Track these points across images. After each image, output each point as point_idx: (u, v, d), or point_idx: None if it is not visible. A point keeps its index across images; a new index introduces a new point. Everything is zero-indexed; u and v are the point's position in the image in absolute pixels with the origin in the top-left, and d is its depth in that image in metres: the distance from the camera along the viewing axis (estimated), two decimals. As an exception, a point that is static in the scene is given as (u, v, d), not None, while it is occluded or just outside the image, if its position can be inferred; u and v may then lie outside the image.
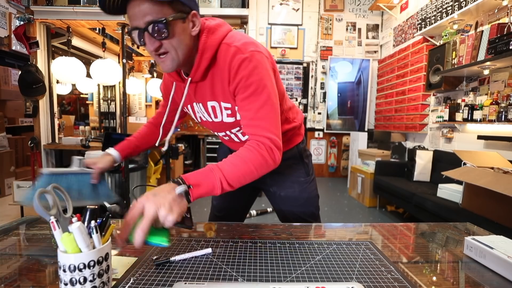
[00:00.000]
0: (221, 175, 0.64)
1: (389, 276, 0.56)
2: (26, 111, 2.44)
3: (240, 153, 0.68)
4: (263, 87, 0.70)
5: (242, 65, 0.69)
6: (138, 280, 0.53)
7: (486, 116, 2.32)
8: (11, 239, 0.72)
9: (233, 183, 0.65)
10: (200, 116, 0.87)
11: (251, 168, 0.67)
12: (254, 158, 0.68)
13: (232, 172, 0.65)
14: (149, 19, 0.62)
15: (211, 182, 0.63)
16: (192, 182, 0.61)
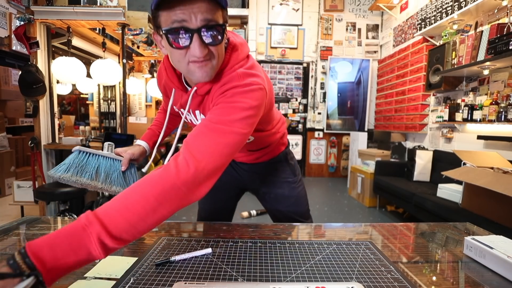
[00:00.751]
0: (99, 229, 0.43)
1: (389, 276, 0.56)
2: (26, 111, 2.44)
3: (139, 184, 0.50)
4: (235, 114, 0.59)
5: (234, 88, 0.61)
6: (138, 280, 0.53)
7: (486, 116, 2.32)
8: (11, 239, 0.72)
9: (124, 236, 0.45)
10: (191, 119, 0.84)
11: (152, 203, 0.48)
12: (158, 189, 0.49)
13: (121, 218, 0.45)
14: (208, 18, 0.54)
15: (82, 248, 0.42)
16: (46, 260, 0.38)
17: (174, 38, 0.56)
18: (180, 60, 0.60)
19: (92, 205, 2.09)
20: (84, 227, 0.43)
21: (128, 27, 2.36)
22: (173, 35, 0.56)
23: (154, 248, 0.66)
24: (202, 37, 0.56)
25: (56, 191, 2.03)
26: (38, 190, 2.08)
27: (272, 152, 0.98)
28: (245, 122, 0.59)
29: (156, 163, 3.55)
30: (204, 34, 0.55)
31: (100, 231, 0.43)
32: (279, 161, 1.01)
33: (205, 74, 0.60)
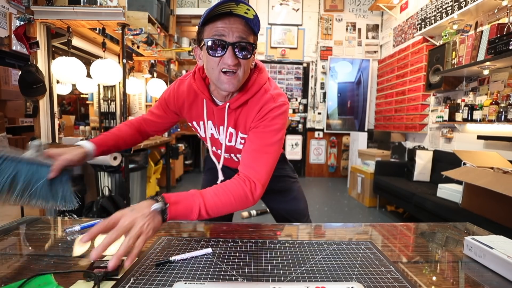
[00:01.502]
0: (201, 201, 0.66)
1: (389, 276, 0.56)
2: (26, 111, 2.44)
3: (226, 185, 0.72)
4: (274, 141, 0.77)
5: (272, 111, 0.77)
6: (138, 280, 0.53)
7: (486, 116, 2.32)
8: (11, 239, 0.72)
9: (211, 211, 0.67)
10: (213, 133, 0.91)
11: (231, 201, 0.70)
12: (237, 193, 0.71)
13: (212, 201, 0.67)
14: (241, 38, 0.68)
15: (190, 205, 0.64)
16: (171, 201, 0.62)
17: (213, 47, 0.69)
18: (214, 68, 0.71)
19: (93, 205, 2.09)
20: (193, 195, 0.66)
21: (128, 27, 2.36)
22: (212, 45, 0.69)
23: (154, 248, 0.66)
24: (235, 49, 0.69)
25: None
26: (38, 190, 2.07)
27: None
28: (282, 138, 0.79)
29: (156, 163, 3.55)
30: (236, 47, 0.69)
31: (201, 202, 0.66)
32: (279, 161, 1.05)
33: (231, 85, 0.73)
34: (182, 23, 5.04)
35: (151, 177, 3.38)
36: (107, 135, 0.91)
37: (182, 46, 4.82)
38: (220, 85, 0.73)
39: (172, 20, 4.08)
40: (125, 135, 0.95)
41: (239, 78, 0.72)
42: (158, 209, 0.60)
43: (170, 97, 0.91)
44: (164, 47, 3.39)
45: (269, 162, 0.76)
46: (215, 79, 0.73)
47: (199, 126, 0.92)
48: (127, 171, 2.36)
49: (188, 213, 0.64)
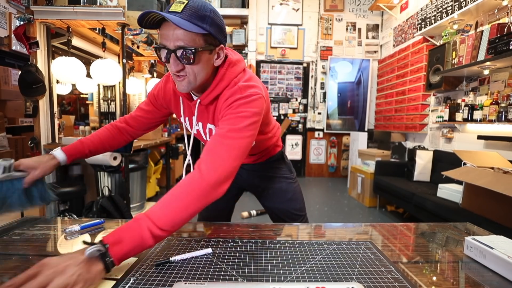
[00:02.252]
0: (149, 222, 0.55)
1: (389, 276, 0.56)
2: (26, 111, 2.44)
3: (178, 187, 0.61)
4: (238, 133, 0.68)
5: (237, 100, 0.72)
6: (138, 280, 0.53)
7: (486, 116, 2.32)
8: (11, 239, 0.72)
9: (168, 226, 0.57)
10: (198, 129, 0.91)
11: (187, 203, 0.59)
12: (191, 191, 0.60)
13: (163, 215, 0.57)
14: (179, 44, 0.65)
15: (137, 235, 0.54)
16: (110, 241, 0.52)
17: (159, 54, 0.70)
18: (170, 72, 0.73)
19: (92, 205, 2.09)
20: (137, 220, 0.56)
21: (128, 27, 2.36)
22: (158, 51, 0.69)
23: (154, 248, 0.66)
24: (177, 55, 0.67)
25: (55, 191, 2.03)
26: (38, 190, 2.07)
27: (269, 154, 1.07)
28: (251, 127, 0.70)
29: (156, 163, 3.55)
30: (177, 55, 0.67)
31: (149, 223, 0.56)
32: (276, 160, 1.09)
33: (182, 87, 0.73)
34: (182, 23, 5.03)
35: (151, 177, 3.38)
36: (83, 142, 0.90)
37: (182, 46, 4.81)
38: (176, 86, 0.75)
39: (172, 20, 4.06)
40: (103, 139, 0.94)
41: (189, 81, 0.71)
42: (95, 254, 0.49)
43: (159, 93, 0.92)
44: (164, 47, 3.38)
45: (231, 148, 0.66)
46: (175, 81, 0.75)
47: (185, 122, 0.92)
48: (127, 171, 2.36)
49: (140, 244, 0.54)
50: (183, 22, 0.63)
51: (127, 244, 0.53)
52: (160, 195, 3.61)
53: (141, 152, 2.78)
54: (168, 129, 3.78)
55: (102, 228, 0.80)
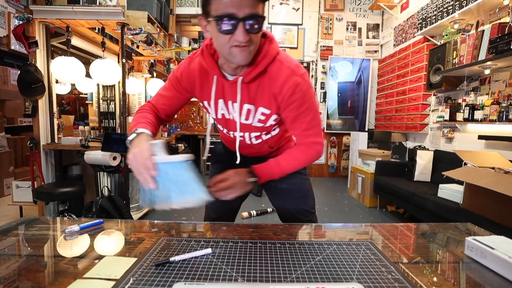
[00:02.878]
0: (280, 171, 0.87)
1: (390, 277, 0.55)
2: (25, 111, 2.43)
3: (293, 153, 0.89)
4: (312, 105, 0.82)
5: (297, 88, 0.78)
6: (138, 280, 0.53)
7: (487, 116, 2.31)
8: (10, 239, 0.72)
9: (284, 175, 0.89)
10: (223, 114, 0.89)
11: (301, 164, 0.90)
12: (304, 157, 0.88)
13: (287, 167, 0.88)
14: (251, 12, 0.64)
15: (272, 176, 0.87)
16: (260, 177, 0.85)
17: (222, 24, 0.65)
18: (224, 44, 0.69)
19: (92, 205, 2.09)
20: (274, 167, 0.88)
21: (128, 27, 2.36)
22: (221, 22, 0.65)
23: (153, 249, 0.66)
24: (245, 25, 0.65)
25: (55, 191, 2.03)
26: (37, 190, 2.07)
27: (286, 148, 1.05)
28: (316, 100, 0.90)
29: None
30: (247, 23, 0.65)
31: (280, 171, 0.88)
32: None
33: (244, 57, 0.71)
34: (181, 22, 5.04)
35: (151, 177, 3.37)
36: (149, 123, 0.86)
37: (181, 46, 4.81)
38: (232, 59, 0.71)
39: (171, 19, 4.07)
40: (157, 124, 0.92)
41: (250, 51, 0.71)
42: (252, 181, 0.84)
43: (183, 75, 0.88)
44: (164, 47, 3.39)
45: (318, 129, 0.87)
46: (226, 54, 0.71)
47: (210, 106, 0.89)
48: (127, 171, 2.36)
49: (269, 180, 0.88)
50: None
51: (264, 179, 0.87)
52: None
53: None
54: (168, 129, 3.77)
55: (101, 228, 0.80)
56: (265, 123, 0.88)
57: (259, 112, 0.85)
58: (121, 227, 0.83)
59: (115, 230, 0.81)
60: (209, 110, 0.92)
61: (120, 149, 2.09)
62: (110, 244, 0.73)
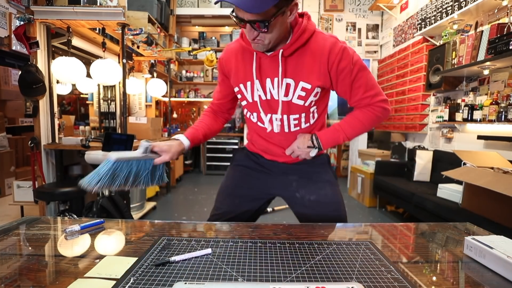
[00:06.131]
0: (344, 136, 0.89)
1: (389, 276, 0.56)
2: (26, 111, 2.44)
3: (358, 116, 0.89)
4: (363, 66, 0.83)
5: (344, 53, 0.80)
6: (138, 280, 0.53)
7: (486, 116, 2.32)
8: (11, 239, 0.72)
9: (350, 138, 0.90)
10: (260, 95, 0.88)
11: (366, 126, 0.89)
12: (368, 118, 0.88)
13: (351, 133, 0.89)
14: (253, 19, 0.70)
15: (335, 142, 0.90)
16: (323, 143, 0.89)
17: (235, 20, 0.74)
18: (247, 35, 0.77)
19: (92, 205, 2.09)
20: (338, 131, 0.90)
21: (128, 27, 2.36)
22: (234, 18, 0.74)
23: (154, 248, 0.66)
24: (252, 26, 0.72)
25: (56, 191, 2.03)
26: (38, 190, 2.07)
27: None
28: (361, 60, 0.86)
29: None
30: (251, 25, 0.72)
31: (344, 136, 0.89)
32: (322, 163, 1.01)
33: (258, 48, 0.79)
34: (182, 23, 5.04)
35: (151, 177, 3.37)
36: (196, 128, 0.98)
37: (182, 46, 4.82)
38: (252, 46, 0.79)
39: (172, 20, 4.08)
40: (210, 123, 1.01)
41: (264, 44, 0.76)
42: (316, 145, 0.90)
43: (223, 60, 0.93)
44: (164, 47, 3.39)
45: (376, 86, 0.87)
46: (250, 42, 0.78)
47: (246, 88, 0.89)
48: (127, 171, 2.35)
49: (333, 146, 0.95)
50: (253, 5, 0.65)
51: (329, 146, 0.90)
52: (160, 195, 3.61)
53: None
54: (168, 129, 3.78)
55: (102, 228, 0.80)
56: (305, 100, 0.86)
57: (300, 87, 0.84)
58: (121, 227, 0.83)
59: (116, 229, 0.81)
60: (244, 94, 0.91)
61: (121, 149, 2.09)
62: (110, 244, 0.73)
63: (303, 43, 0.81)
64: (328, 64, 0.81)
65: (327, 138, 0.89)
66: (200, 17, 4.79)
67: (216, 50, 4.71)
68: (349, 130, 0.88)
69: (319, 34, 0.82)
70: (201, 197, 3.58)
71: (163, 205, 3.26)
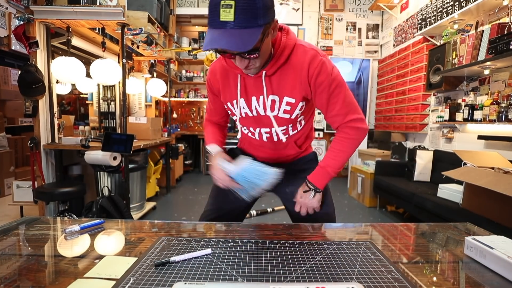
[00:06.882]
0: (331, 170, 0.91)
1: (389, 276, 0.56)
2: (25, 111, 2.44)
3: (336, 147, 0.91)
4: (341, 82, 0.83)
5: (323, 66, 0.80)
6: (138, 280, 0.53)
7: (486, 116, 2.31)
8: (11, 239, 0.72)
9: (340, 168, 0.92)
10: (246, 112, 0.91)
11: (348, 152, 0.90)
12: (346, 145, 0.89)
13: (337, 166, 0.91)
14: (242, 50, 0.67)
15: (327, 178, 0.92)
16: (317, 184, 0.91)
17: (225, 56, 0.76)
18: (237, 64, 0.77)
19: (92, 205, 2.09)
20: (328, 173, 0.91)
21: (128, 27, 2.36)
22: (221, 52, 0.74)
23: (154, 248, 0.66)
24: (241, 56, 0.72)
25: (55, 191, 2.03)
26: (38, 190, 2.07)
27: (306, 151, 1.07)
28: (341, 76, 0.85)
29: (155, 163, 3.55)
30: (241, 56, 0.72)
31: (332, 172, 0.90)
32: (310, 160, 1.07)
33: (250, 74, 0.81)
34: (182, 22, 5.04)
35: (151, 177, 3.38)
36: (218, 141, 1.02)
37: (182, 46, 4.81)
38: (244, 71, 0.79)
39: (172, 19, 4.07)
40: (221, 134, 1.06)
41: (256, 67, 0.77)
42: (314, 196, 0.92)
43: (210, 81, 0.95)
44: (164, 47, 3.39)
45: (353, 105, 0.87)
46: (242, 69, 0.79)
47: (233, 106, 0.93)
48: (127, 171, 2.36)
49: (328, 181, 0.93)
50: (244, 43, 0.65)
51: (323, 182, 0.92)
52: (160, 195, 3.61)
53: (141, 152, 2.78)
54: (168, 129, 3.78)
55: (102, 228, 0.80)
56: (291, 114, 0.88)
57: (284, 102, 0.86)
58: (121, 227, 0.83)
59: (116, 230, 0.81)
60: (233, 111, 0.95)
61: (121, 149, 2.09)
62: (110, 244, 0.73)
63: (285, 60, 0.81)
64: (308, 76, 0.81)
65: (317, 179, 0.92)
66: (200, 17, 4.79)
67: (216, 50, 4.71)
68: (334, 163, 0.90)
69: (299, 47, 0.82)
70: (201, 197, 3.58)
71: (163, 205, 3.26)
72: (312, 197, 0.91)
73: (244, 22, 0.63)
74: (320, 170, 0.92)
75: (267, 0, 0.67)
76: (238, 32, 0.64)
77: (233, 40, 0.64)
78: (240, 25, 0.63)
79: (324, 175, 0.91)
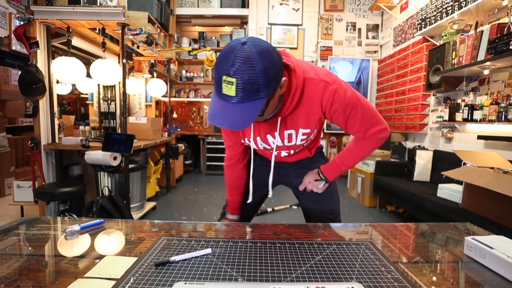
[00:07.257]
0: (344, 167, 0.98)
1: (389, 276, 0.56)
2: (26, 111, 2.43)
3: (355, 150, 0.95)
4: (356, 103, 0.82)
5: (335, 95, 0.79)
6: (138, 280, 0.53)
7: (486, 116, 2.32)
8: (11, 239, 0.72)
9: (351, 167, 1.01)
10: (265, 147, 0.95)
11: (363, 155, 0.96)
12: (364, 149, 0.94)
13: (351, 165, 0.99)
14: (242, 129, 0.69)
15: (338, 173, 1.00)
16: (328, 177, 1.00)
17: None
18: None
19: (92, 205, 2.09)
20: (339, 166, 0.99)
21: (128, 27, 2.36)
22: None
23: (154, 248, 0.66)
24: None
25: (56, 191, 2.03)
26: (38, 190, 2.07)
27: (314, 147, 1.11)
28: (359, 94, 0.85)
29: (156, 163, 3.55)
30: None
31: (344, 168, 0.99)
32: (316, 154, 1.12)
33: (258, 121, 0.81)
34: (182, 23, 5.04)
35: (151, 177, 3.38)
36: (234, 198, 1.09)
37: (182, 46, 4.82)
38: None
39: (172, 20, 4.07)
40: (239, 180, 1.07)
41: (265, 117, 0.79)
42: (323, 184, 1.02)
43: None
44: (164, 47, 3.39)
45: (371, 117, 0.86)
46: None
47: (250, 141, 0.95)
48: (127, 171, 2.36)
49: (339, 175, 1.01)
50: (243, 121, 0.66)
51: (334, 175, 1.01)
52: (160, 195, 3.61)
53: (141, 152, 2.78)
54: (168, 129, 3.78)
55: (102, 228, 0.80)
56: (307, 140, 0.93)
57: (300, 133, 0.89)
58: (121, 227, 0.83)
59: (116, 229, 0.81)
60: (251, 145, 0.98)
61: (121, 149, 2.09)
62: (110, 244, 0.73)
63: (298, 101, 0.80)
64: (321, 108, 0.83)
65: (330, 171, 0.99)
66: (200, 17, 4.79)
67: (216, 50, 4.72)
68: (348, 162, 0.97)
69: (309, 81, 0.79)
70: (201, 197, 3.58)
71: (163, 205, 3.26)
72: (318, 185, 1.01)
73: (245, 98, 0.64)
74: (334, 165, 0.99)
75: (270, 74, 0.64)
76: (240, 107, 0.65)
77: (233, 118, 0.66)
78: (241, 100, 0.64)
79: (337, 170, 0.99)
